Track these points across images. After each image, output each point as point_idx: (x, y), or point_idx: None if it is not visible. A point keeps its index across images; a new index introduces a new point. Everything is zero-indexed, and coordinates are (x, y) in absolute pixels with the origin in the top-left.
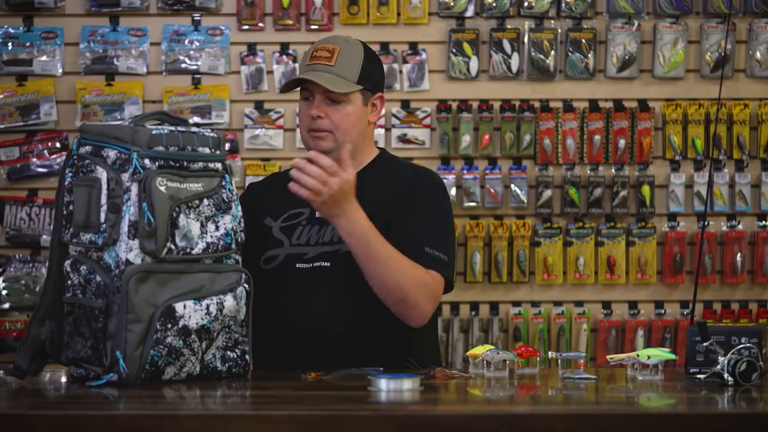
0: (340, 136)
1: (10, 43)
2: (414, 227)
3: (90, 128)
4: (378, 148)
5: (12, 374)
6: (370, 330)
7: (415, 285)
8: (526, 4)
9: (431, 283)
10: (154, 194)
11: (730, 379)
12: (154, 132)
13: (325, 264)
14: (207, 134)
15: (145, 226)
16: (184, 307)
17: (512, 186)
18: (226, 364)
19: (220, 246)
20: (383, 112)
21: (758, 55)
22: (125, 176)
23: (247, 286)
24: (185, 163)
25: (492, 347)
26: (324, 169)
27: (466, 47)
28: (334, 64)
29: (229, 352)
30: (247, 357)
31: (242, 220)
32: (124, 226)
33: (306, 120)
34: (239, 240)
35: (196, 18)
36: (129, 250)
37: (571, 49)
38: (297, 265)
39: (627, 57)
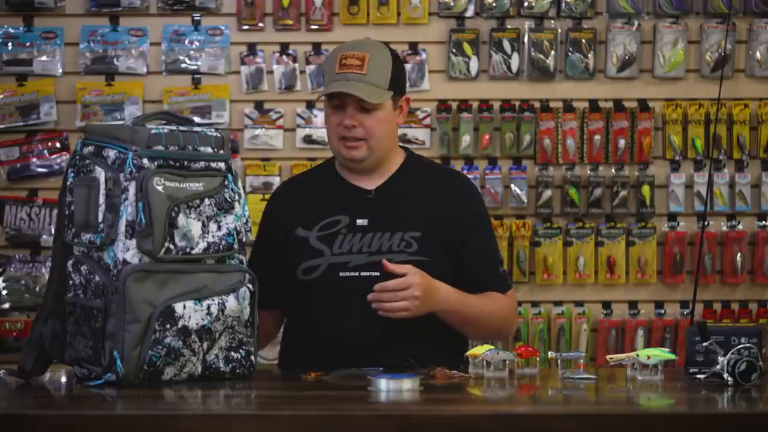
0: (374, 143)
1: (10, 43)
2: (486, 251)
3: (93, 128)
4: (402, 148)
5: (16, 376)
6: (423, 337)
7: (502, 322)
8: (526, 4)
9: (512, 307)
10: (150, 194)
11: (729, 379)
12: (153, 131)
13: (375, 273)
14: (209, 134)
15: (137, 225)
16: (184, 307)
17: (512, 186)
18: (230, 365)
19: (221, 246)
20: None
21: (758, 55)
22: (123, 176)
23: (251, 286)
24: (186, 163)
25: (492, 347)
26: (392, 291)
27: (466, 47)
28: (365, 72)
29: (232, 353)
30: (251, 358)
31: (249, 220)
32: (122, 226)
33: (337, 129)
34: (243, 240)
35: (196, 18)
36: (126, 250)
37: (571, 49)
38: (341, 274)
39: (627, 57)
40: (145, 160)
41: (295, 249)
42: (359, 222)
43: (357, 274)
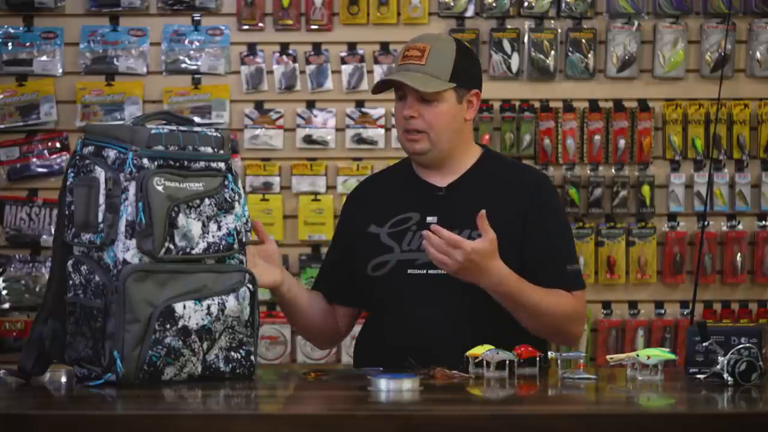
0: (435, 135)
1: (10, 43)
2: (552, 246)
3: (93, 128)
4: (479, 145)
5: (16, 375)
6: (491, 335)
7: (564, 319)
8: (526, 4)
9: (577, 307)
10: (150, 194)
11: (729, 379)
12: (153, 131)
13: (442, 271)
14: (210, 134)
15: (137, 225)
16: (184, 307)
17: None
18: (230, 365)
19: (221, 246)
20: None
21: (758, 55)
22: (123, 176)
23: (251, 286)
24: (186, 163)
25: (492, 347)
26: (445, 241)
27: None
28: (424, 63)
29: (232, 353)
30: (252, 358)
31: (249, 220)
32: (122, 226)
33: (401, 121)
34: (243, 240)
35: (196, 18)
36: (126, 250)
37: (571, 49)
38: (408, 271)
39: (627, 57)
40: (145, 160)
41: (367, 245)
42: (429, 219)
43: (425, 271)
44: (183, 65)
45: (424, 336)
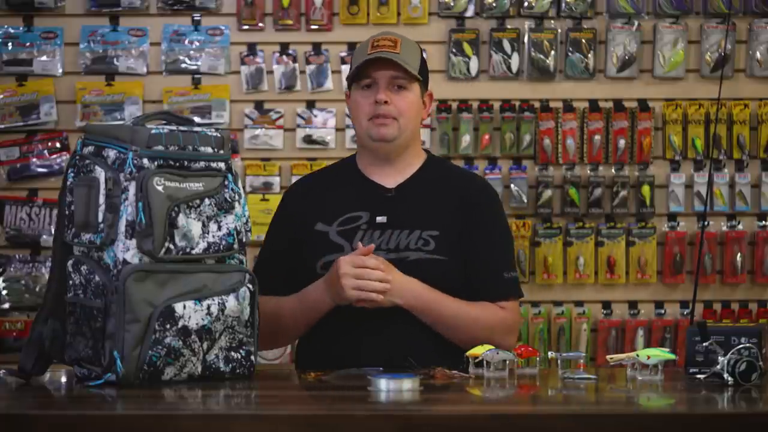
0: (404, 123)
1: (10, 43)
2: (489, 252)
3: (93, 128)
4: (424, 150)
5: (16, 375)
6: (436, 336)
7: (491, 332)
8: (526, 4)
9: (505, 317)
10: (150, 194)
11: (729, 379)
12: (153, 131)
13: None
14: (209, 134)
15: (137, 225)
16: (184, 307)
17: (512, 186)
18: (230, 365)
19: (222, 246)
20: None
21: (758, 55)
22: (123, 176)
23: (251, 286)
24: (186, 163)
25: (492, 347)
26: (377, 269)
27: (466, 47)
28: (399, 52)
29: (232, 353)
30: (252, 358)
31: (249, 220)
32: (122, 226)
33: (367, 108)
34: (243, 240)
35: (196, 18)
36: (126, 250)
37: (571, 49)
38: None
39: (627, 57)
40: (145, 160)
41: (315, 243)
42: (379, 219)
43: None
44: (183, 65)
45: (376, 336)
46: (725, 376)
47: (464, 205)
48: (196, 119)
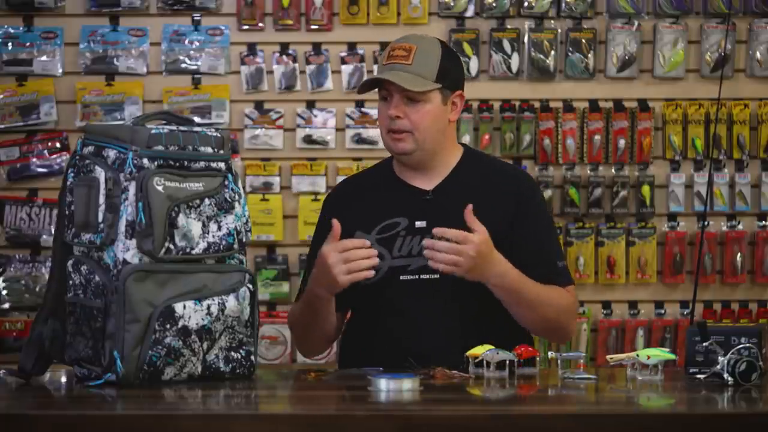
0: (420, 135)
1: (10, 43)
2: (541, 243)
3: (93, 128)
4: (460, 144)
5: (16, 375)
6: (483, 339)
7: (564, 314)
8: (526, 4)
9: (572, 302)
10: (150, 194)
11: (729, 379)
12: (153, 131)
13: (434, 276)
14: (209, 134)
15: (137, 225)
16: (184, 307)
17: None
18: (230, 365)
19: (222, 246)
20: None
21: (758, 55)
22: (123, 176)
23: (251, 286)
24: (186, 163)
25: (492, 347)
26: (453, 241)
27: (466, 47)
28: (411, 63)
29: (232, 353)
30: (252, 358)
31: (249, 220)
32: (122, 226)
33: (385, 121)
34: (243, 240)
35: (196, 18)
36: (126, 250)
37: (571, 49)
38: (401, 278)
39: (627, 57)
40: (145, 160)
41: None
42: (418, 224)
43: (417, 277)
44: (183, 65)
45: (418, 341)
46: (725, 376)
47: (506, 201)
48: (196, 119)
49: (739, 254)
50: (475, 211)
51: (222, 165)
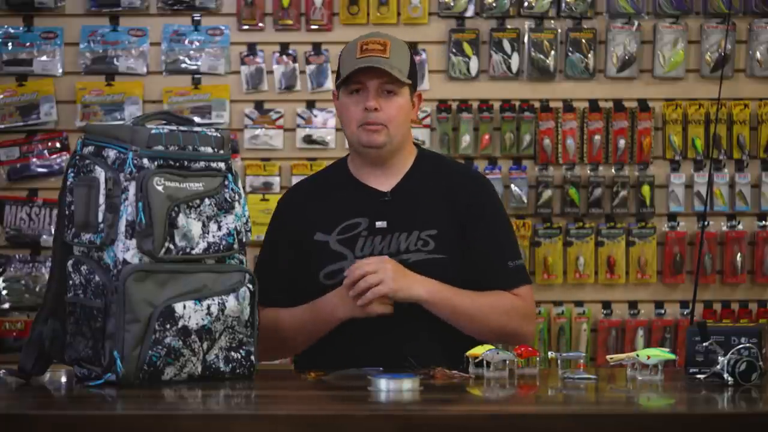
0: (393, 130)
1: (10, 43)
2: (493, 245)
3: (93, 128)
4: (414, 144)
5: (16, 375)
6: (446, 339)
7: (508, 318)
8: (526, 4)
9: (521, 305)
10: (150, 194)
11: (729, 379)
12: (153, 131)
13: None
14: (209, 134)
15: (137, 225)
16: (184, 307)
17: (512, 186)
18: (230, 365)
19: (222, 246)
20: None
21: (758, 55)
22: (123, 176)
23: (251, 286)
24: (186, 163)
25: (492, 347)
26: (364, 268)
27: (466, 47)
28: (388, 56)
29: (232, 353)
30: (252, 358)
31: (249, 220)
32: (122, 226)
33: (357, 114)
34: (243, 240)
35: (196, 18)
36: (126, 250)
37: (571, 49)
38: None
39: (627, 57)
40: (145, 160)
41: (315, 253)
42: (378, 224)
43: None
44: (183, 65)
45: (382, 340)
46: (725, 376)
47: (460, 201)
48: (196, 119)
49: (739, 254)
50: (431, 216)
51: (222, 165)
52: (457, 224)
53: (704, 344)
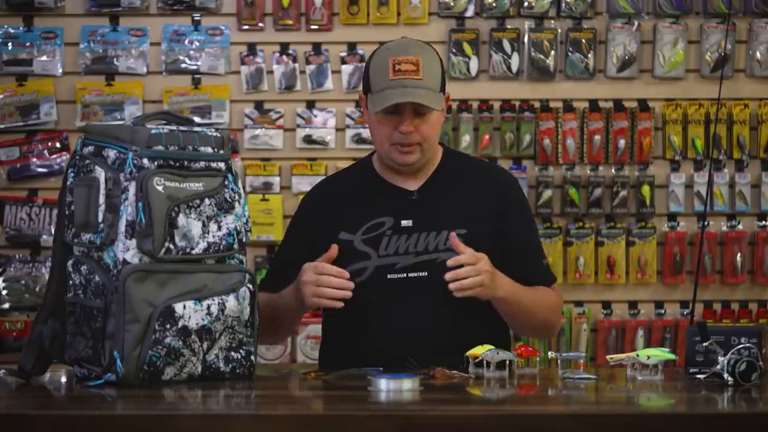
0: (427, 146)
1: (10, 43)
2: (526, 243)
3: (93, 128)
4: (440, 143)
5: (16, 375)
6: (470, 338)
7: (554, 313)
8: (526, 4)
9: (559, 300)
10: (150, 194)
11: (729, 379)
12: (153, 131)
13: (423, 274)
14: (209, 134)
15: (137, 225)
16: (184, 307)
17: None
18: (230, 365)
19: (222, 246)
20: None
21: (758, 55)
22: (123, 176)
23: (251, 286)
24: (186, 163)
25: (492, 347)
26: (467, 263)
27: (466, 47)
28: (422, 77)
29: (232, 353)
30: (252, 358)
31: (249, 220)
32: (122, 226)
33: (389, 133)
34: (243, 240)
35: (196, 18)
36: (126, 250)
37: (571, 49)
38: (388, 276)
39: (627, 57)
40: (145, 160)
41: (341, 253)
42: (404, 223)
43: (405, 275)
44: (183, 65)
45: (405, 339)
46: (725, 376)
47: (491, 200)
48: (196, 119)
49: (739, 254)
50: (461, 216)
51: (222, 165)
52: (488, 223)
53: (704, 344)
